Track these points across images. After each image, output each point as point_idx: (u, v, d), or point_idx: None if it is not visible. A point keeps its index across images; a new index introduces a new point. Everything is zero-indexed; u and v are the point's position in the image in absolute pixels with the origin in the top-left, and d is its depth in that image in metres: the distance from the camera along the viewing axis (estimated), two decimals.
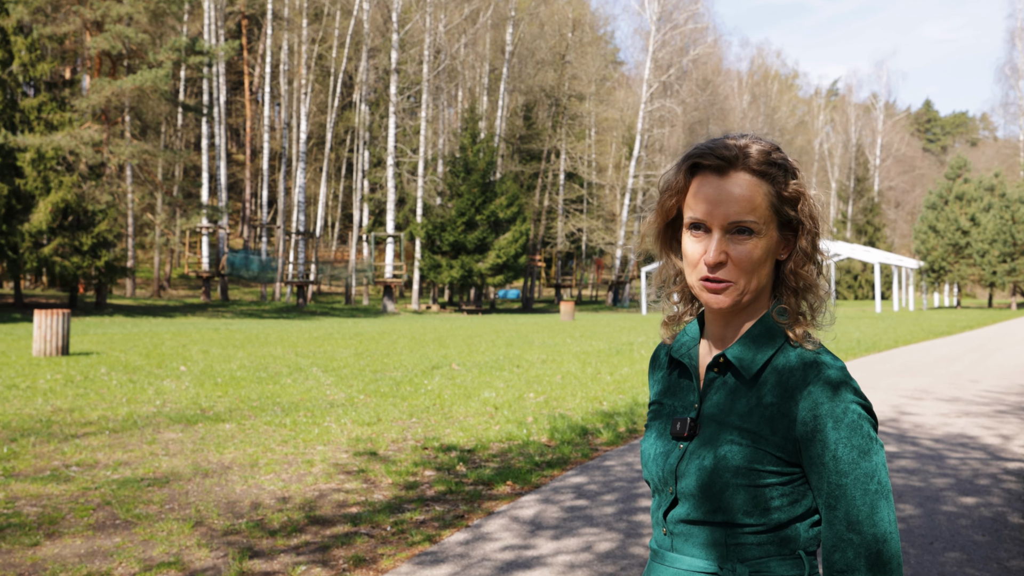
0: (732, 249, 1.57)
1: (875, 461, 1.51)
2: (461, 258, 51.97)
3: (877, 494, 1.50)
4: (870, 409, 1.56)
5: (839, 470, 1.50)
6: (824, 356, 1.58)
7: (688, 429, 1.62)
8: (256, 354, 18.82)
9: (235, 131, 78.99)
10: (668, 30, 65.38)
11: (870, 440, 1.52)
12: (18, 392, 12.00)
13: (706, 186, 1.59)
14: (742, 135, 1.63)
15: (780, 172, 1.61)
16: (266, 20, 57.76)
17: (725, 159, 1.58)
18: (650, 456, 1.69)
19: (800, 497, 1.56)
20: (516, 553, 5.33)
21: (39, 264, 37.43)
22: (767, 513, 1.55)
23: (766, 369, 1.60)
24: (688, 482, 1.59)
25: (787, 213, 1.61)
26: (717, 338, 1.67)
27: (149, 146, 42.60)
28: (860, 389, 1.56)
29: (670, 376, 1.76)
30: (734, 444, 1.56)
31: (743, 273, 1.57)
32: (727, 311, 1.62)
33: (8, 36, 38.48)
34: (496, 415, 10.50)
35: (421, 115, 55.96)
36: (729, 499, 1.55)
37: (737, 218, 1.56)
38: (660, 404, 1.75)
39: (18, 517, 5.89)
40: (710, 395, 1.65)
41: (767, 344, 1.61)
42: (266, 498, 6.53)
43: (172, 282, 61.50)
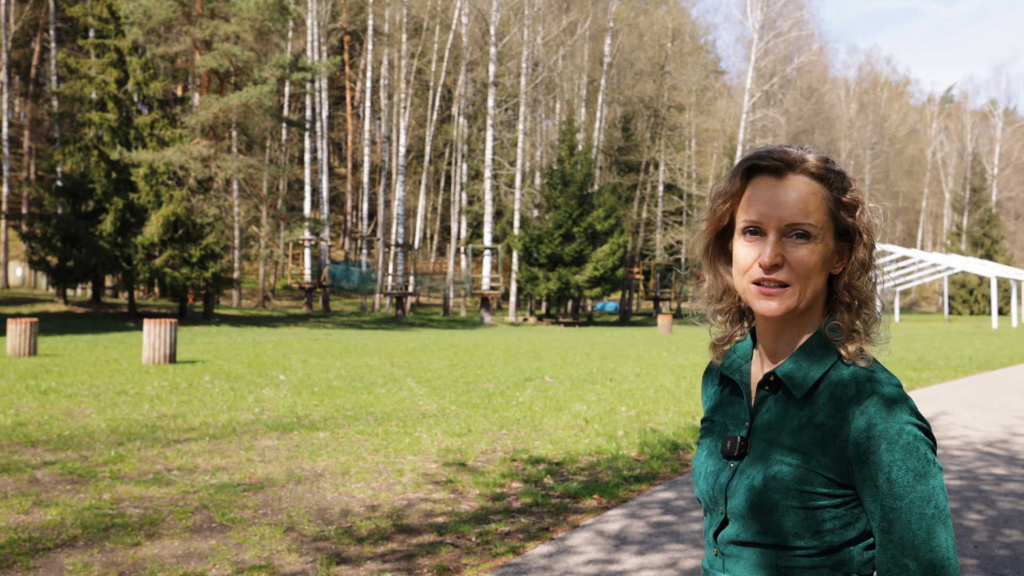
0: (788, 253, 1.53)
1: (932, 484, 1.46)
2: (558, 270, 51.97)
3: (934, 519, 1.45)
4: (928, 430, 1.50)
5: (894, 493, 1.46)
6: (879, 373, 1.54)
7: (738, 448, 1.60)
8: (353, 364, 19.16)
9: (337, 145, 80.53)
10: (771, 38, 64.40)
11: (927, 462, 1.46)
12: (127, 398, 12.46)
13: (763, 188, 1.56)
14: (799, 147, 1.61)
15: (839, 178, 1.58)
16: (367, 36, 58.80)
17: (784, 161, 1.56)
18: (700, 474, 1.67)
19: (854, 520, 1.51)
20: (599, 567, 5.33)
21: (151, 275, 38.76)
22: (819, 536, 1.50)
23: (818, 387, 1.56)
24: (737, 502, 1.56)
25: (844, 221, 1.58)
26: (769, 353, 1.63)
27: (254, 161, 43.71)
28: (917, 408, 1.51)
29: (722, 392, 1.73)
30: (784, 464, 1.53)
31: (798, 278, 1.53)
32: (779, 319, 1.58)
33: (124, 56, 40.04)
34: (586, 428, 10.51)
35: (519, 127, 56.24)
36: (779, 520, 1.51)
37: (794, 220, 1.53)
38: (712, 421, 1.72)
39: (122, 518, 6.13)
40: (761, 413, 1.61)
41: (819, 361, 1.57)
42: (355, 506, 6.67)
43: (276, 293, 62.92)
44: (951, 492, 7.41)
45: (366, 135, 58.85)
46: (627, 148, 69.56)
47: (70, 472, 7.53)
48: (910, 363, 21.49)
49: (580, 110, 63.04)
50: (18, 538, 5.62)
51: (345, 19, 64.31)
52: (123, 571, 5.07)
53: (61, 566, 5.12)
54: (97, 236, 38.15)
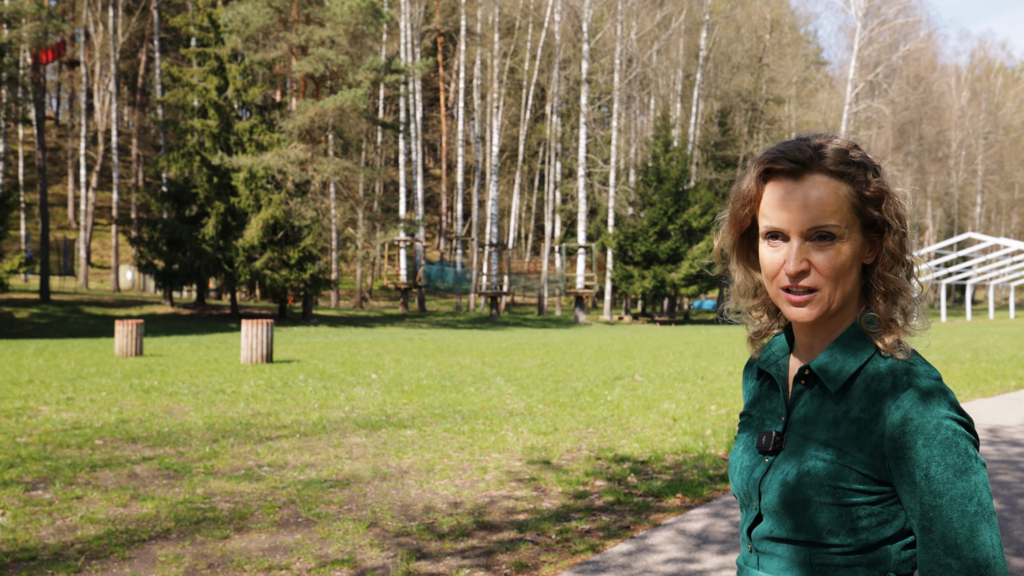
0: (814, 256, 1.48)
1: (974, 481, 1.41)
2: (653, 268, 51.63)
3: (977, 516, 1.40)
4: (969, 425, 1.45)
5: (933, 490, 1.41)
6: (918, 366, 1.49)
7: (773, 442, 1.56)
8: (444, 363, 19.36)
9: (432, 146, 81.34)
10: (876, 26, 62.86)
11: (968, 458, 1.42)
12: (224, 396, 12.82)
13: (780, 192, 1.51)
14: (817, 135, 1.56)
15: (860, 171, 1.51)
16: (460, 36, 59.24)
17: (799, 162, 1.50)
18: (736, 469, 1.64)
19: (891, 517, 1.48)
20: (679, 566, 5.31)
21: (251, 277, 39.75)
22: (854, 533, 1.47)
23: (854, 380, 1.52)
24: (771, 498, 1.53)
25: (871, 214, 1.52)
26: (805, 347, 1.60)
27: (350, 163, 44.46)
28: (958, 402, 1.46)
29: (760, 386, 1.70)
30: (818, 459, 1.49)
31: (828, 281, 1.49)
32: (817, 321, 1.55)
33: (224, 64, 41.16)
34: (674, 427, 10.44)
35: (613, 124, 56.06)
36: (812, 517, 1.48)
37: (816, 224, 1.48)
38: (750, 415, 1.69)
39: (213, 512, 6.33)
40: (797, 408, 1.58)
41: (856, 354, 1.53)
42: (439, 502, 6.75)
43: (373, 293, 63.86)
44: None
45: (460, 135, 59.30)
46: (724, 143, 68.73)
47: (167, 467, 7.79)
48: (1021, 360, 20.71)
49: (675, 105, 62.51)
50: (115, 530, 5.84)
51: (438, 20, 64.93)
52: (212, 563, 5.23)
53: (154, 557, 5.31)
54: (200, 240, 39.30)
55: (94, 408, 11.42)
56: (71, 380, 14.60)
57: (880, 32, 63.95)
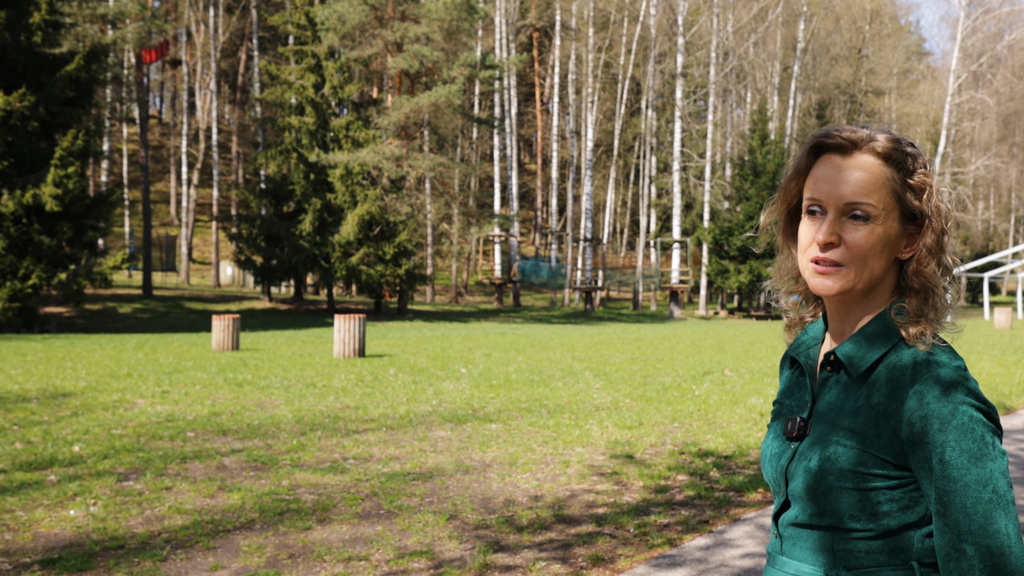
0: (846, 233, 1.51)
1: (990, 468, 1.42)
2: (749, 263, 50.98)
3: (992, 503, 1.41)
4: (989, 413, 1.46)
5: (947, 475, 1.42)
6: (940, 356, 1.49)
7: (798, 429, 1.58)
8: (534, 358, 19.40)
9: (527, 141, 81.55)
10: (980, 15, 60.96)
11: (984, 445, 1.42)
12: (315, 390, 13.05)
13: (827, 166, 1.55)
14: (874, 127, 1.58)
15: (908, 159, 1.54)
16: (555, 31, 59.24)
17: (850, 140, 1.54)
18: (766, 456, 1.66)
19: (913, 503, 1.49)
20: (756, 561, 5.28)
21: (348, 272, 40.33)
22: (876, 518, 1.48)
23: (877, 368, 1.53)
24: (797, 484, 1.55)
25: (911, 203, 1.54)
26: (835, 334, 1.62)
27: (445, 159, 44.77)
28: (978, 390, 1.47)
29: (792, 376, 1.72)
30: (840, 445, 1.51)
31: (854, 259, 1.51)
32: (838, 299, 1.57)
33: (321, 61, 41.83)
34: (760, 422, 10.32)
35: (708, 118, 55.46)
36: (834, 502, 1.50)
37: (853, 199, 1.51)
38: (781, 404, 1.71)
39: (297, 503, 6.45)
40: (823, 394, 1.60)
41: (881, 342, 1.54)
42: (519, 496, 6.78)
43: (468, 288, 64.33)
44: None
45: (555, 130, 59.29)
46: None
47: (255, 459, 7.97)
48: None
49: (772, 98, 61.51)
50: (201, 520, 6.00)
51: (533, 15, 65.00)
52: (293, 553, 5.34)
53: (238, 547, 5.45)
54: (297, 236, 40.03)
55: (188, 401, 11.73)
56: (168, 374, 15.01)
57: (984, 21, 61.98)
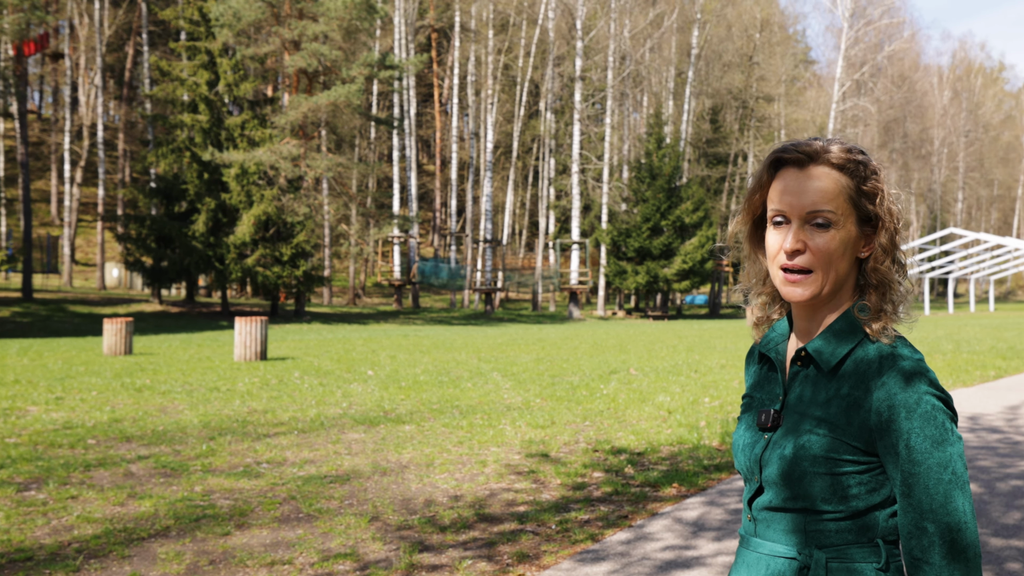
0: (811, 240, 1.63)
1: (950, 452, 1.55)
2: (647, 264, 51.73)
3: (951, 484, 1.54)
4: (947, 401, 1.60)
5: (912, 459, 1.55)
6: (901, 349, 1.63)
7: (772, 420, 1.70)
8: (440, 359, 19.37)
9: (425, 142, 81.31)
10: (862, 26, 63.13)
11: (944, 431, 1.56)
12: (219, 394, 12.80)
13: (787, 179, 1.66)
14: (826, 139, 1.69)
15: (860, 167, 1.66)
16: (454, 32, 59.24)
17: (806, 153, 1.65)
18: (739, 446, 1.77)
19: (878, 486, 1.62)
20: (676, 553, 5.40)
21: (243, 274, 39.51)
22: (845, 500, 1.61)
23: (845, 362, 1.66)
24: (771, 471, 1.66)
25: (866, 208, 1.66)
26: (803, 332, 1.74)
27: (343, 159, 44.31)
28: (937, 381, 1.60)
29: (761, 370, 1.84)
30: (813, 434, 1.62)
31: (820, 264, 1.63)
32: (807, 304, 1.68)
33: (215, 58, 40.90)
34: (669, 419, 10.50)
35: (606, 121, 56.08)
36: (808, 486, 1.62)
37: (815, 208, 1.62)
38: (751, 397, 1.82)
39: (212, 509, 6.33)
40: (793, 387, 1.71)
41: (847, 338, 1.67)
42: (439, 496, 6.77)
43: (366, 290, 63.82)
44: None
45: (454, 132, 59.27)
46: (715, 140, 68.86)
47: (163, 466, 7.78)
48: (1000, 352, 21.20)
49: (668, 103, 62.55)
50: (113, 528, 5.84)
51: (432, 16, 64.84)
52: (213, 559, 5.24)
53: (155, 555, 5.31)
54: (190, 236, 39.06)
55: (85, 407, 11.36)
56: (59, 380, 14.49)
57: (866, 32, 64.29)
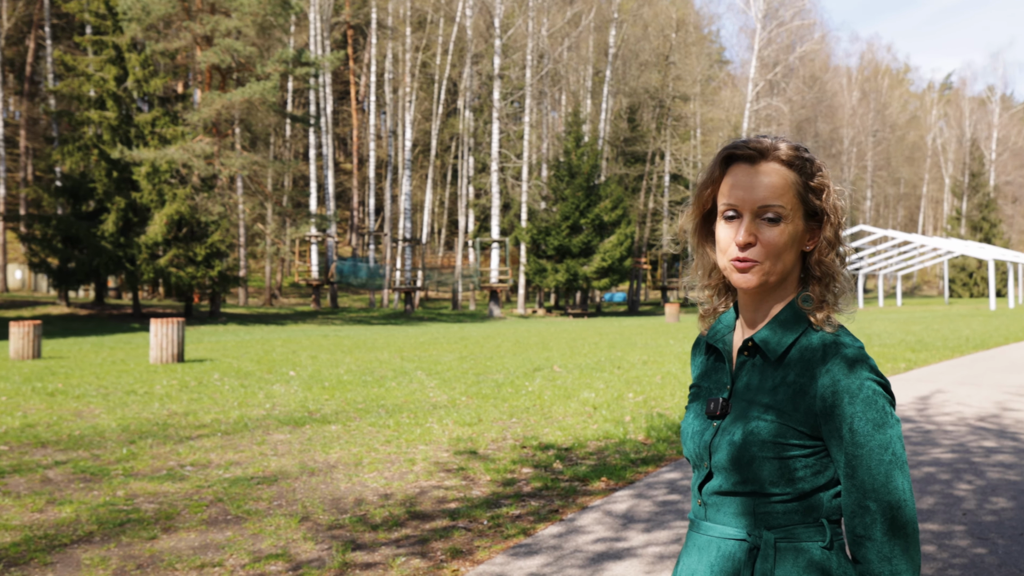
0: (761, 233, 1.69)
1: (890, 434, 1.63)
2: (566, 262, 52.02)
3: (892, 464, 1.62)
4: (887, 386, 1.68)
5: (855, 441, 1.63)
6: (843, 337, 1.71)
7: (720, 408, 1.76)
8: (363, 359, 19.24)
9: (342, 140, 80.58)
10: (774, 27, 64.34)
11: (885, 414, 1.64)
12: (136, 397, 12.53)
13: (739, 174, 1.73)
14: (774, 136, 1.75)
15: (808, 164, 1.74)
16: (371, 29, 58.84)
17: (757, 150, 1.72)
18: (688, 434, 1.82)
19: (823, 468, 1.68)
20: (608, 545, 5.47)
21: (155, 275, 38.62)
22: (792, 483, 1.67)
23: (791, 351, 1.73)
24: (720, 456, 1.72)
25: (813, 203, 1.74)
26: (748, 323, 1.80)
27: (259, 157, 43.62)
28: (876, 367, 1.68)
29: (707, 360, 1.89)
30: (761, 420, 1.69)
31: (769, 255, 1.69)
32: (754, 291, 1.75)
33: (123, 53, 39.88)
34: (595, 415, 10.60)
35: (525, 120, 56.25)
36: (757, 470, 1.68)
37: (766, 202, 1.69)
38: (699, 387, 1.88)
39: (137, 513, 6.20)
40: (741, 376, 1.78)
41: (792, 328, 1.74)
42: (369, 495, 6.74)
43: (283, 290, 63.07)
44: (944, 465, 7.67)
45: (371, 130, 58.92)
46: (633, 139, 69.47)
47: (83, 471, 7.59)
48: (909, 345, 21.92)
49: (586, 101, 63.00)
50: (33, 535, 5.68)
51: (348, 13, 64.35)
52: (141, 563, 5.13)
53: (78, 561, 5.19)
54: (99, 236, 38.00)
55: None
56: None
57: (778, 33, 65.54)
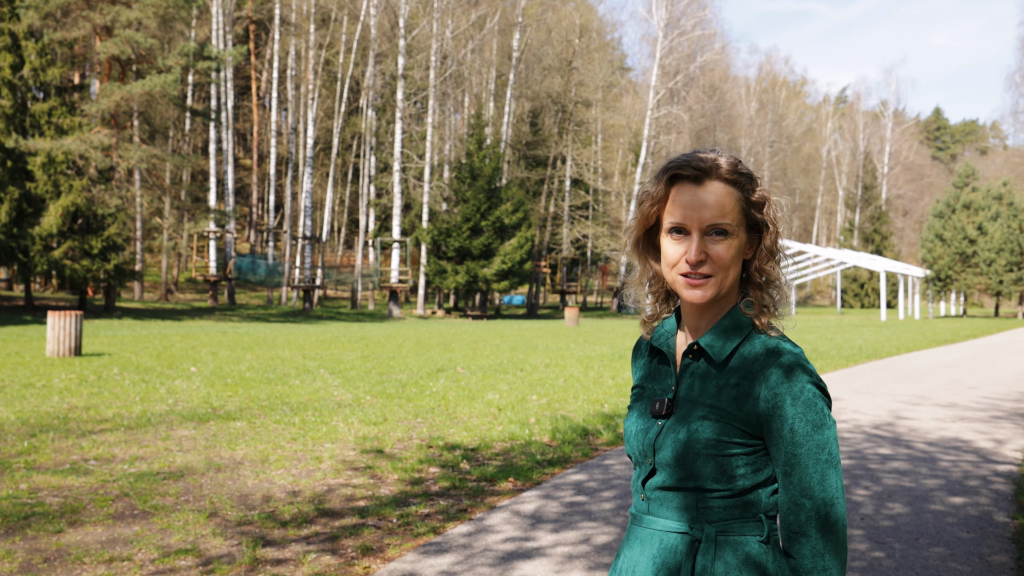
0: (710, 249, 1.78)
1: (827, 435, 1.73)
2: (466, 264, 52.12)
3: (827, 463, 1.72)
4: (824, 389, 1.78)
5: (795, 441, 1.72)
6: (784, 343, 1.80)
7: (666, 408, 1.84)
8: (264, 356, 19.08)
9: (243, 136, 79.31)
10: (675, 36, 65.35)
11: (823, 416, 1.74)
12: (34, 391, 12.26)
13: (685, 194, 1.80)
14: (711, 150, 1.85)
15: (747, 180, 1.83)
16: (274, 25, 58.07)
17: (701, 169, 1.80)
18: (632, 432, 1.91)
19: (762, 467, 1.78)
20: (517, 544, 5.56)
21: (49, 267, 37.57)
22: (732, 480, 1.76)
23: (734, 355, 1.82)
24: (665, 454, 1.80)
25: (754, 216, 1.84)
26: (692, 329, 1.89)
27: (157, 150, 42.81)
28: (815, 372, 1.78)
29: (651, 363, 1.98)
30: (705, 420, 1.78)
31: (720, 269, 1.78)
32: (706, 304, 1.84)
33: (19, 41, 38.69)
34: (500, 416, 10.74)
35: (428, 121, 56.19)
36: (699, 468, 1.76)
37: (713, 221, 1.77)
38: (642, 388, 1.96)
39: (41, 507, 6.14)
40: (685, 378, 1.86)
41: (735, 333, 1.83)
42: (277, 492, 6.77)
43: (180, 286, 61.79)
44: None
45: (273, 126, 58.16)
46: (535, 143, 70.01)
47: None
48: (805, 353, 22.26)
49: (489, 104, 63.21)
50: None
51: (251, 7, 63.41)
52: (48, 557, 5.11)
53: None
54: None
55: None
56: None
57: (680, 43, 66.54)
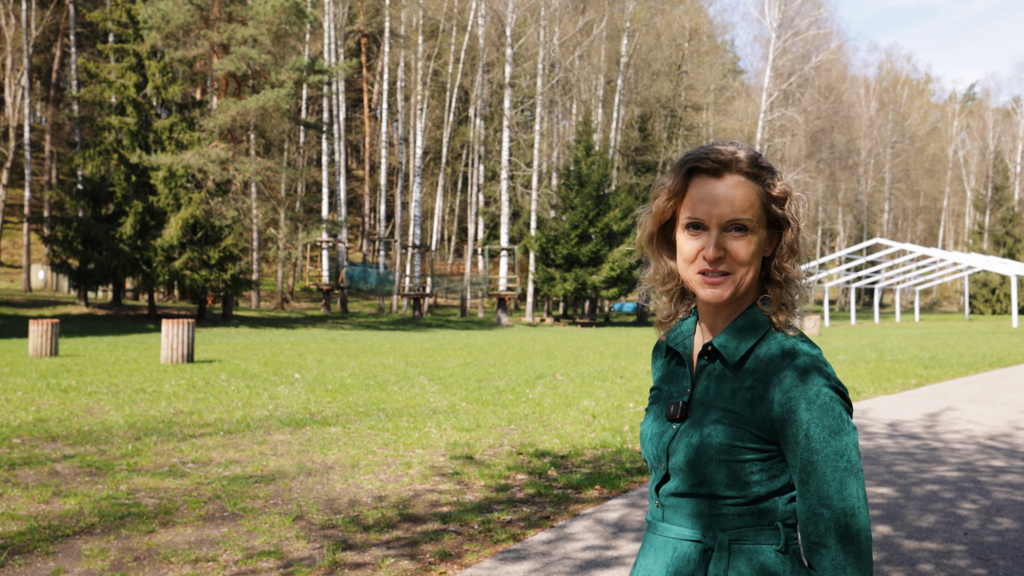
0: (729, 245, 1.71)
1: (846, 441, 1.64)
2: (575, 271, 52.02)
3: (847, 471, 1.63)
4: (844, 394, 1.69)
5: (811, 448, 1.63)
6: (802, 344, 1.72)
7: (680, 411, 1.78)
8: (368, 363, 19.39)
9: (355, 147, 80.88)
10: (789, 37, 64.15)
11: (841, 421, 1.65)
12: (145, 396, 12.72)
13: (703, 188, 1.73)
14: (731, 143, 1.77)
15: (768, 174, 1.75)
16: (384, 38, 59.07)
17: (720, 163, 1.73)
18: (647, 436, 1.86)
19: (778, 473, 1.70)
20: (596, 553, 5.51)
21: (170, 277, 39.13)
22: (747, 487, 1.69)
23: (749, 356, 1.74)
24: (678, 459, 1.74)
25: (775, 211, 1.75)
26: (709, 328, 1.82)
27: (272, 163, 44.01)
28: (834, 374, 1.69)
29: (668, 364, 1.92)
30: (719, 424, 1.71)
31: (739, 266, 1.71)
32: (722, 303, 1.77)
33: (143, 61, 40.48)
34: (593, 423, 10.69)
35: (535, 128, 56.39)
36: (712, 473, 1.70)
37: (733, 216, 1.70)
38: (659, 390, 1.90)
39: (137, 507, 6.36)
40: (701, 380, 1.80)
41: (751, 333, 1.75)
42: (363, 496, 6.87)
43: (295, 295, 63.29)
44: (948, 483, 7.56)
45: (383, 137, 59.15)
46: (644, 148, 69.56)
47: (88, 465, 7.77)
48: (922, 361, 21.48)
49: (597, 110, 63.10)
50: (38, 525, 5.85)
51: (362, 21, 64.64)
52: (138, 556, 5.28)
53: (79, 551, 5.34)
54: (117, 239, 38.59)
55: (10, 407, 11.26)
56: None
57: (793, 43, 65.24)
